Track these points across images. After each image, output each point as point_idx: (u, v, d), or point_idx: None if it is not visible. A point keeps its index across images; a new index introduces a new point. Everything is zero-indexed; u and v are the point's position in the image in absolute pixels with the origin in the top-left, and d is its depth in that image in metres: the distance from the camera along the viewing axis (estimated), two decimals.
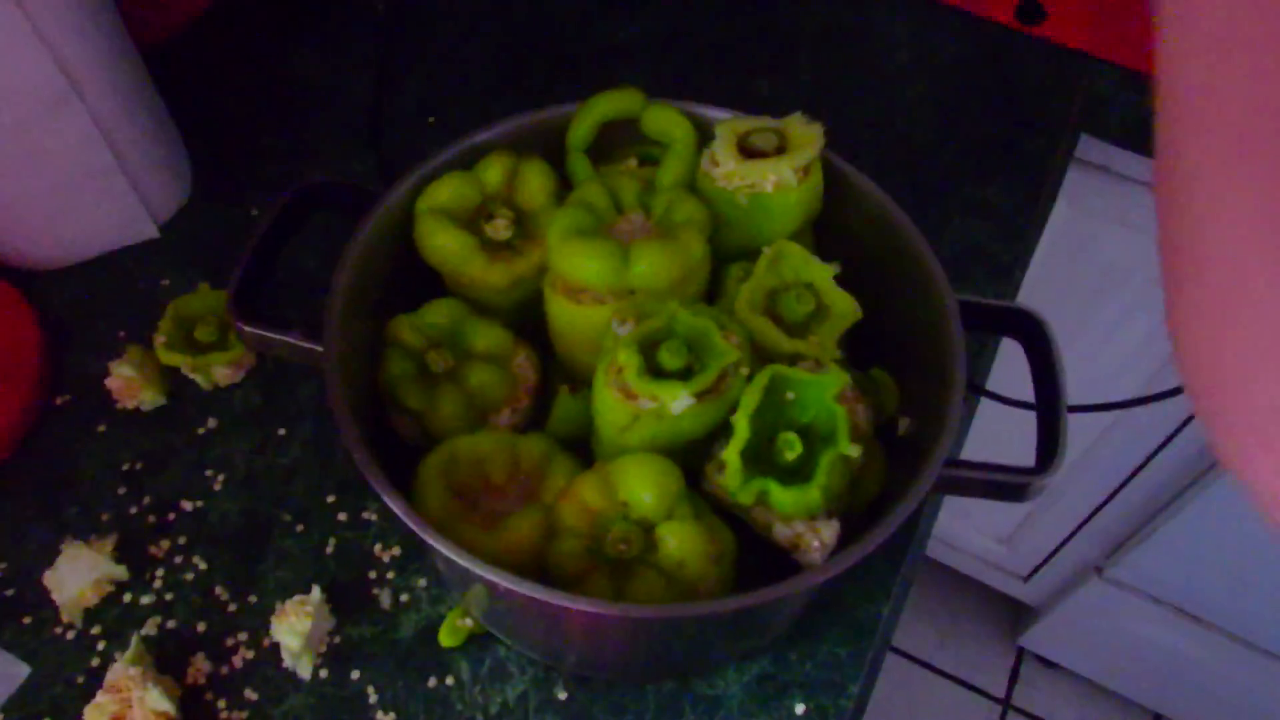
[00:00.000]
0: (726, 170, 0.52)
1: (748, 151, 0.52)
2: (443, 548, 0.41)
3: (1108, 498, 1.17)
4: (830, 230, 0.55)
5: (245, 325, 0.48)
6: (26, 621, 0.53)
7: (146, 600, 0.54)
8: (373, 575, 0.55)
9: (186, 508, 0.57)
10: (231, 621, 0.54)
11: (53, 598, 0.52)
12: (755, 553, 0.47)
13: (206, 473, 0.59)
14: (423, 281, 0.54)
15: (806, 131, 0.52)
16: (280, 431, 0.60)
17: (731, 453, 0.43)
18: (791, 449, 0.44)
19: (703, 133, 0.54)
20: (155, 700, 0.47)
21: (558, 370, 0.55)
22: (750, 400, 0.44)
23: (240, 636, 0.53)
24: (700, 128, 0.55)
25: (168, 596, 0.54)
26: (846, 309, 0.50)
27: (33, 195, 0.62)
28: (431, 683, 0.52)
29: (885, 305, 0.52)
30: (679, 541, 0.43)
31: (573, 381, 0.53)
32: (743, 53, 0.84)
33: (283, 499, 0.58)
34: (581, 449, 0.50)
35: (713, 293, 0.53)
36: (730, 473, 0.44)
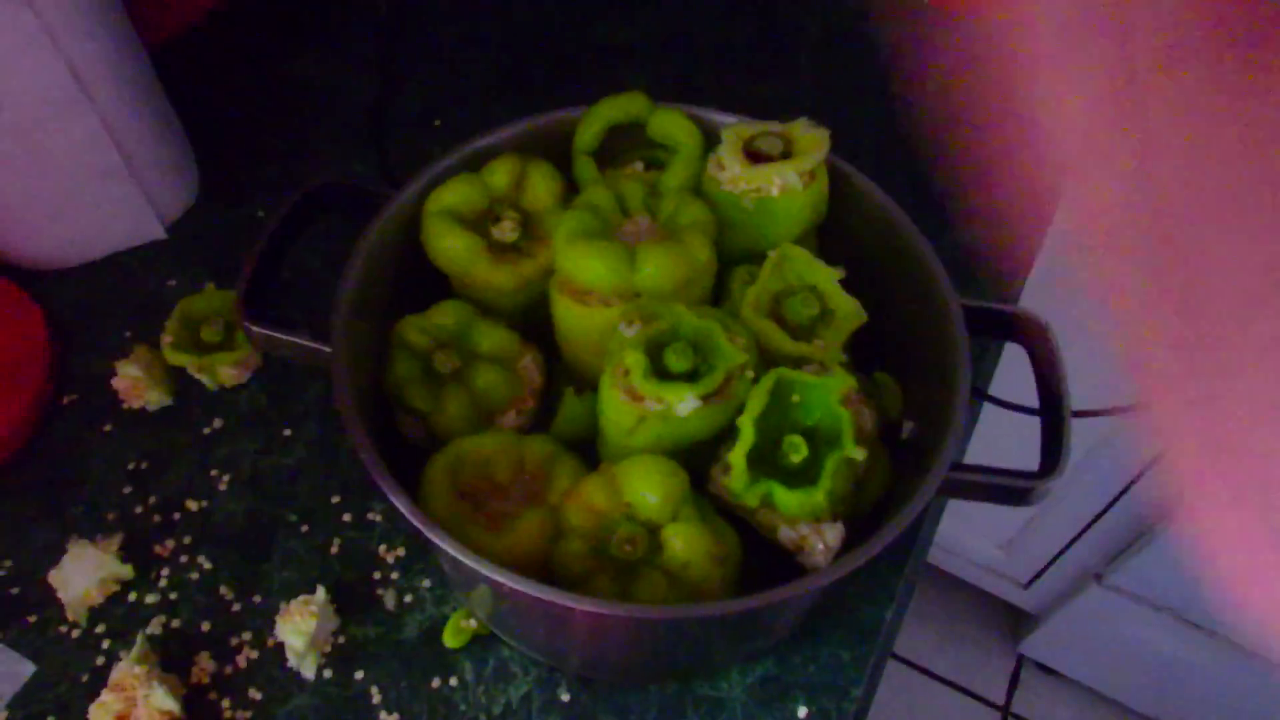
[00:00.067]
0: (732, 174, 0.52)
1: (753, 155, 0.52)
2: (449, 548, 0.41)
3: (1108, 504, 1.17)
4: (835, 234, 0.55)
5: (253, 326, 0.48)
6: (31, 620, 0.53)
7: (151, 599, 0.54)
8: (377, 576, 0.56)
9: (192, 507, 0.57)
10: (236, 621, 0.54)
11: (58, 596, 0.53)
12: (759, 555, 0.47)
13: (212, 473, 0.59)
14: (429, 283, 0.54)
15: (812, 136, 0.52)
16: (285, 432, 0.61)
17: (737, 455, 0.44)
18: (797, 451, 0.44)
19: (708, 137, 0.55)
20: (160, 699, 0.47)
21: (563, 372, 0.55)
22: (756, 403, 0.44)
23: (245, 636, 0.53)
24: (706, 132, 0.55)
25: (172, 596, 0.54)
26: (851, 312, 0.51)
27: (41, 195, 0.63)
28: (435, 683, 0.52)
29: (889, 309, 0.52)
30: (684, 543, 0.44)
31: (578, 383, 0.53)
32: (744, 56, 0.84)
33: (288, 499, 0.58)
34: (586, 451, 0.50)
35: (718, 296, 0.53)
36: (735, 475, 0.44)
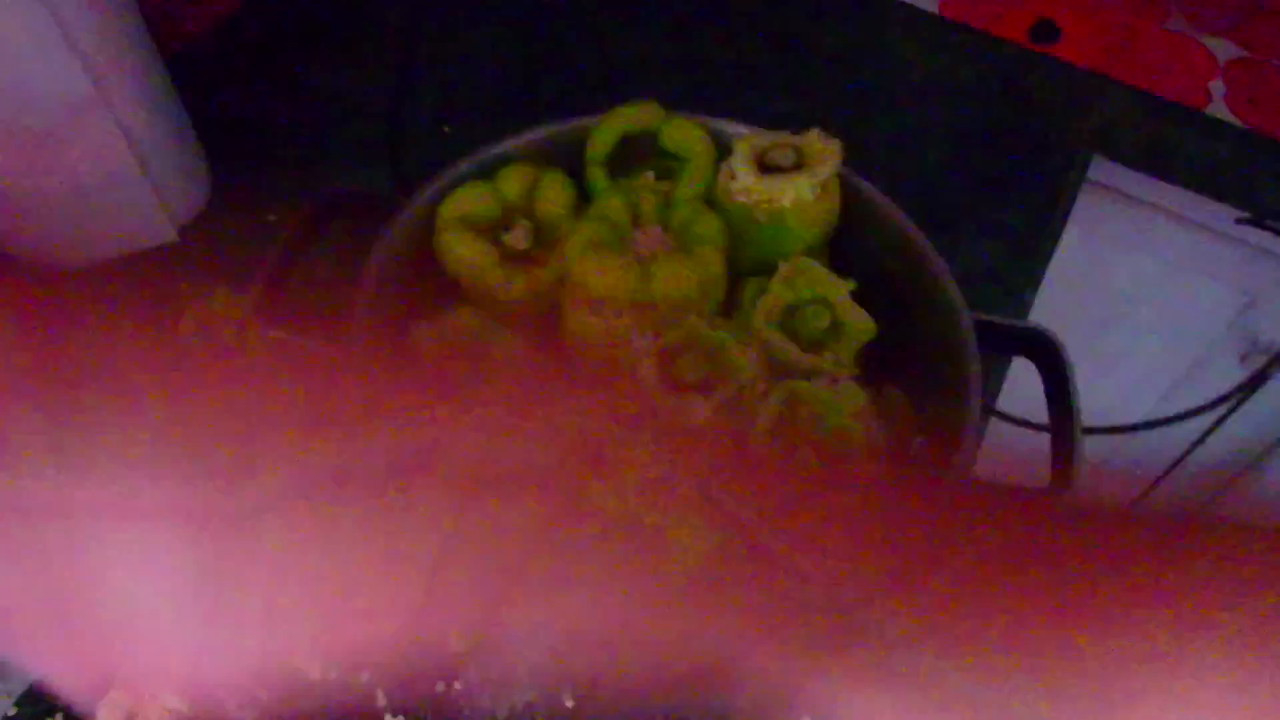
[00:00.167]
0: (744, 185, 0.52)
1: (766, 167, 0.53)
2: None
3: None
4: (847, 246, 0.56)
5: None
6: None
7: None
8: None
9: None
10: None
11: None
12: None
13: None
14: (441, 290, 0.54)
15: (825, 148, 0.52)
16: None
17: None
18: None
19: (720, 147, 0.55)
20: (168, 698, 0.47)
21: None
22: (767, 415, 0.44)
23: None
24: (718, 143, 0.55)
25: None
26: (862, 326, 0.51)
27: (55, 197, 0.63)
28: (440, 687, 0.52)
29: (900, 323, 0.52)
30: None
31: None
32: (756, 71, 0.85)
33: None
34: None
35: (729, 307, 0.53)
36: None
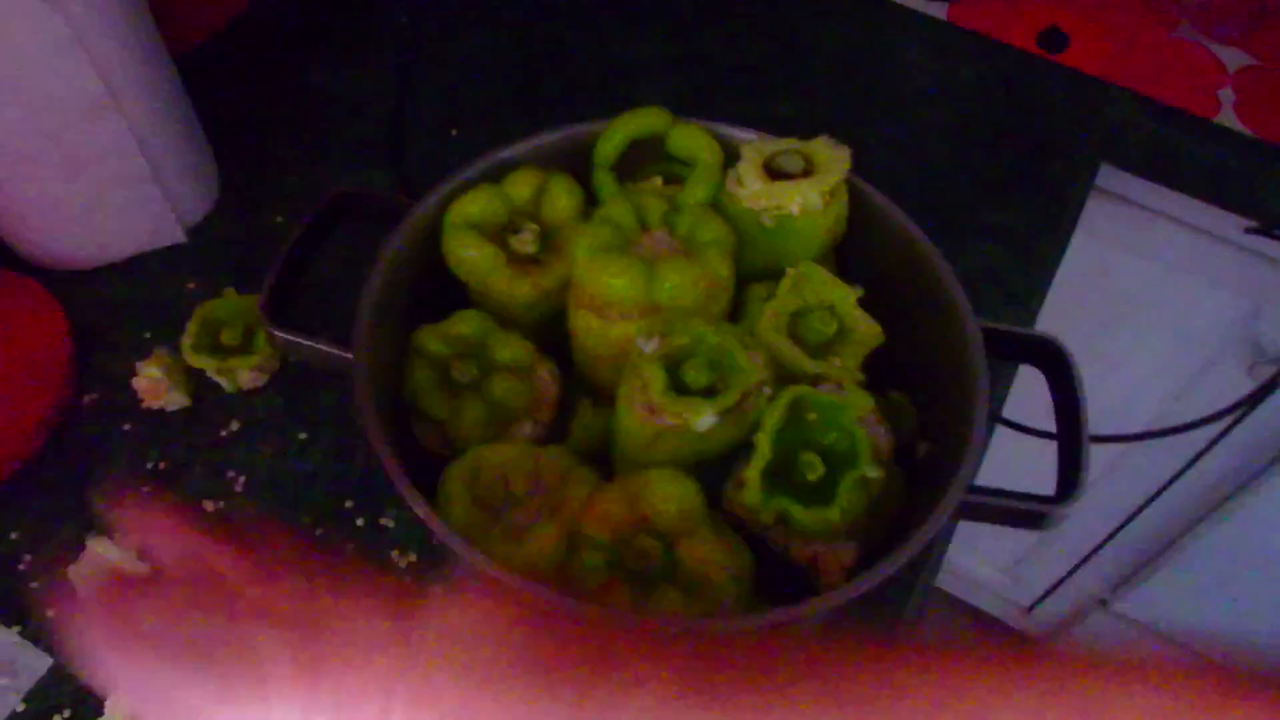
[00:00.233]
0: (752, 191, 0.52)
1: (774, 173, 0.53)
2: (470, 556, 0.41)
3: (1115, 530, 1.17)
4: (854, 253, 0.56)
5: (277, 330, 0.48)
6: (50, 615, 0.53)
7: None
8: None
9: (209, 508, 0.58)
10: None
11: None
12: (771, 573, 0.47)
13: (228, 474, 0.59)
14: (448, 293, 0.54)
15: (833, 154, 0.52)
16: (301, 436, 0.61)
17: (753, 471, 0.44)
18: (813, 469, 0.44)
19: (728, 153, 0.55)
20: None
21: (578, 384, 0.55)
22: (772, 420, 0.44)
23: None
24: (725, 148, 0.55)
25: None
26: (869, 332, 0.51)
27: (67, 198, 0.63)
28: None
29: (907, 329, 0.53)
30: (700, 557, 0.44)
31: (593, 395, 0.54)
32: (760, 74, 0.85)
33: (302, 503, 0.58)
34: (601, 463, 0.50)
35: (736, 313, 0.53)
36: (751, 491, 0.44)
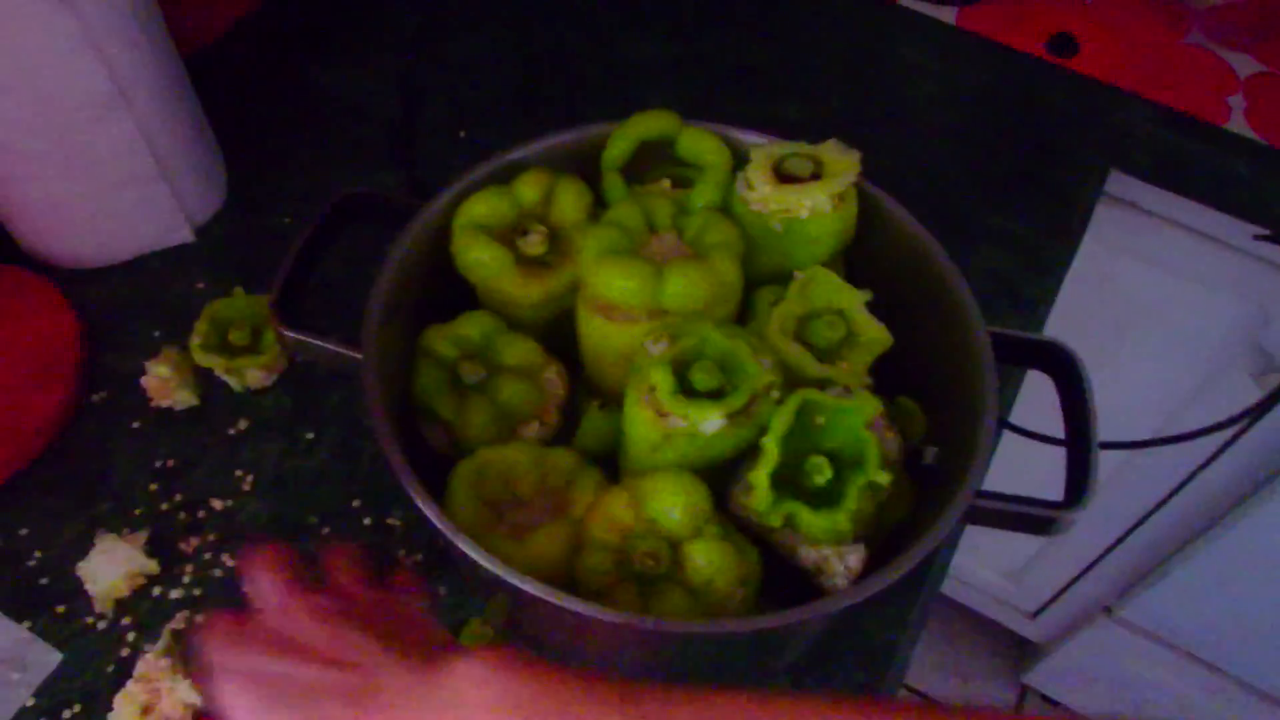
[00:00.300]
0: (761, 194, 0.52)
1: (783, 176, 0.53)
2: (476, 555, 0.41)
3: (1120, 537, 1.16)
4: (862, 257, 0.56)
5: (287, 330, 0.49)
6: (60, 610, 0.54)
7: (176, 594, 0.54)
8: None
9: (216, 506, 0.58)
10: None
11: (86, 588, 0.53)
12: (777, 575, 0.47)
13: (236, 473, 0.59)
14: (456, 294, 0.55)
15: (843, 158, 0.52)
16: (309, 435, 0.61)
17: (761, 474, 0.44)
18: (821, 473, 0.44)
19: (737, 156, 0.55)
20: (185, 692, 0.48)
21: (585, 386, 0.56)
22: (780, 423, 0.44)
23: None
24: (734, 151, 0.55)
25: (196, 592, 0.55)
26: (877, 336, 0.51)
27: (76, 197, 0.64)
28: None
29: (915, 333, 0.53)
30: (706, 559, 0.44)
31: (601, 397, 0.54)
32: (766, 77, 0.85)
33: (309, 501, 0.59)
34: (607, 465, 0.51)
35: (744, 316, 0.53)
36: (759, 494, 0.44)
